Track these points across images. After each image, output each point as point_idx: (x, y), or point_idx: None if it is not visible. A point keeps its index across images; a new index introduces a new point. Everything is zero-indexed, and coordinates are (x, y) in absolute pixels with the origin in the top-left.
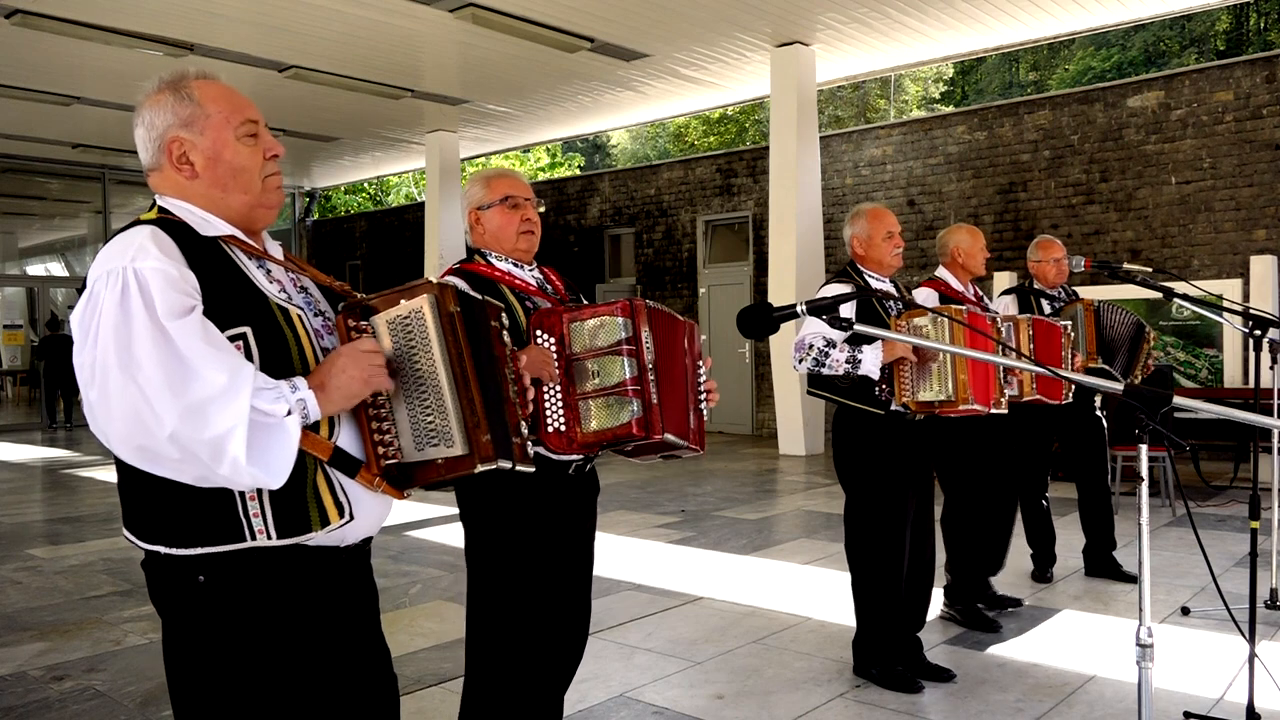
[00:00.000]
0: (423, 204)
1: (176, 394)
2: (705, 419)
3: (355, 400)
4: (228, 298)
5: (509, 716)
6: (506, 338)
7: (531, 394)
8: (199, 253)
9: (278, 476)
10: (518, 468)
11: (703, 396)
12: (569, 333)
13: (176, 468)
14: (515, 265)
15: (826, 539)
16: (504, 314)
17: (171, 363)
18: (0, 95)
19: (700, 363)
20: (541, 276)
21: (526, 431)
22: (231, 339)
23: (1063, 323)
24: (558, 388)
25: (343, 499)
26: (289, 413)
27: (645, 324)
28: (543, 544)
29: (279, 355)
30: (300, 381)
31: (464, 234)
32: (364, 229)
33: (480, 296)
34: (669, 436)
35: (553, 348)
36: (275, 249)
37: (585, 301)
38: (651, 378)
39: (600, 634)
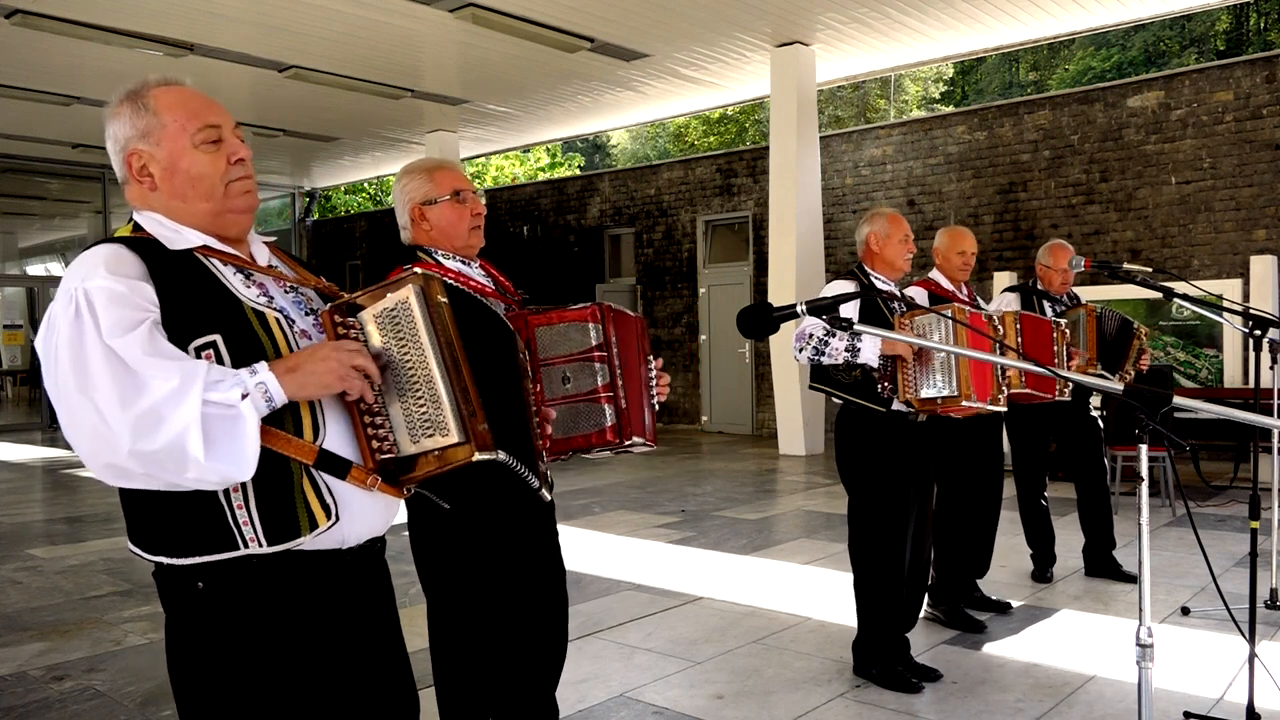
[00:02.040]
0: None
1: (128, 407)
2: (656, 412)
3: (324, 392)
4: (196, 307)
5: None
6: (530, 370)
7: (551, 417)
8: (165, 266)
9: (243, 467)
10: (543, 493)
11: (654, 392)
12: (535, 338)
13: (146, 480)
14: (463, 263)
15: (826, 539)
16: (525, 346)
17: (122, 377)
18: (0, 95)
19: (650, 358)
20: (485, 273)
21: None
22: (201, 348)
23: (1056, 320)
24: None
25: (329, 500)
26: (244, 396)
27: (614, 328)
28: (501, 550)
29: (254, 358)
30: (260, 365)
31: (402, 230)
32: (364, 229)
33: (511, 327)
34: (636, 438)
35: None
36: (262, 253)
37: (531, 302)
38: (621, 382)
39: (600, 634)
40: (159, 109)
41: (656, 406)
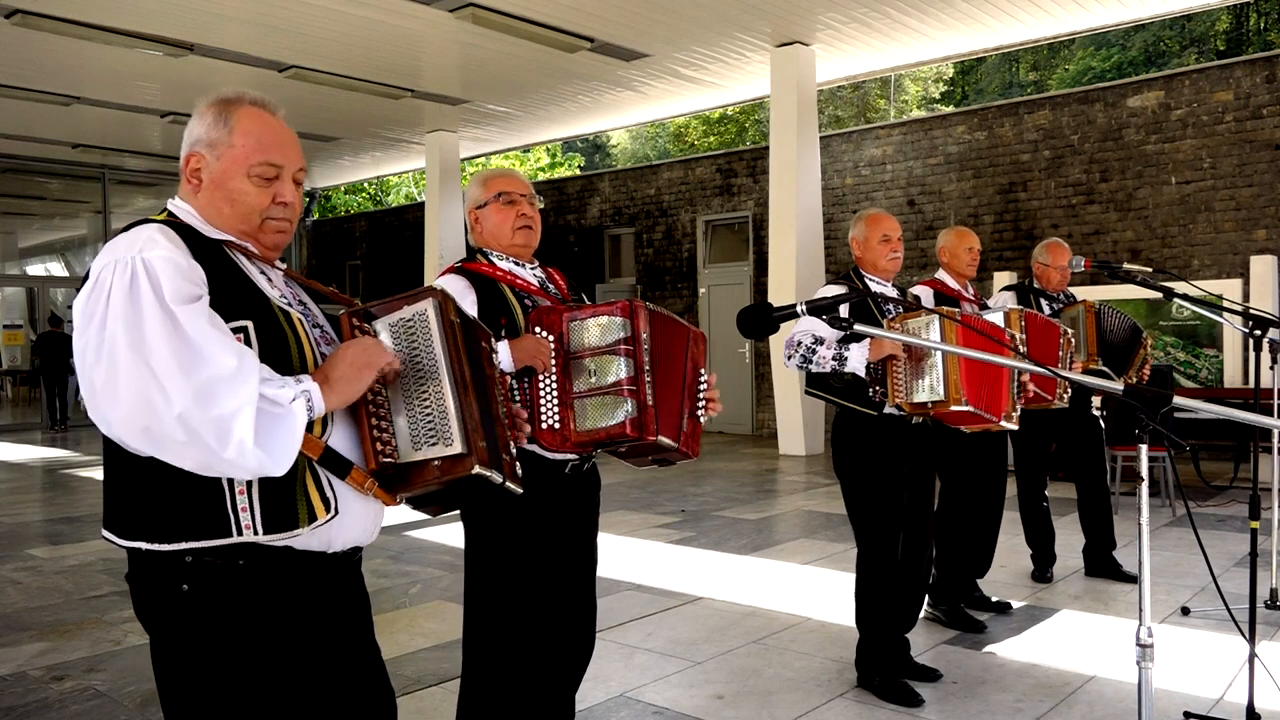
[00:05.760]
0: (423, 204)
1: (187, 374)
2: (701, 426)
3: (361, 388)
4: (230, 293)
5: (509, 715)
6: (497, 359)
7: (525, 421)
8: (204, 250)
9: (282, 462)
10: (507, 484)
11: (701, 404)
12: (568, 330)
13: (180, 451)
14: (516, 264)
15: (826, 539)
16: (492, 339)
17: (181, 346)
18: (0, 95)
19: (702, 371)
20: (544, 275)
21: (515, 452)
22: (233, 331)
23: (1064, 327)
24: (554, 386)
25: (329, 494)
26: (294, 399)
27: (645, 325)
28: (540, 543)
29: (279, 352)
30: (305, 376)
31: (465, 235)
32: (364, 229)
33: (474, 319)
34: (662, 439)
35: (552, 345)
36: (276, 274)
37: (588, 302)
38: (648, 379)
39: (600, 634)
40: (235, 129)
41: (702, 419)
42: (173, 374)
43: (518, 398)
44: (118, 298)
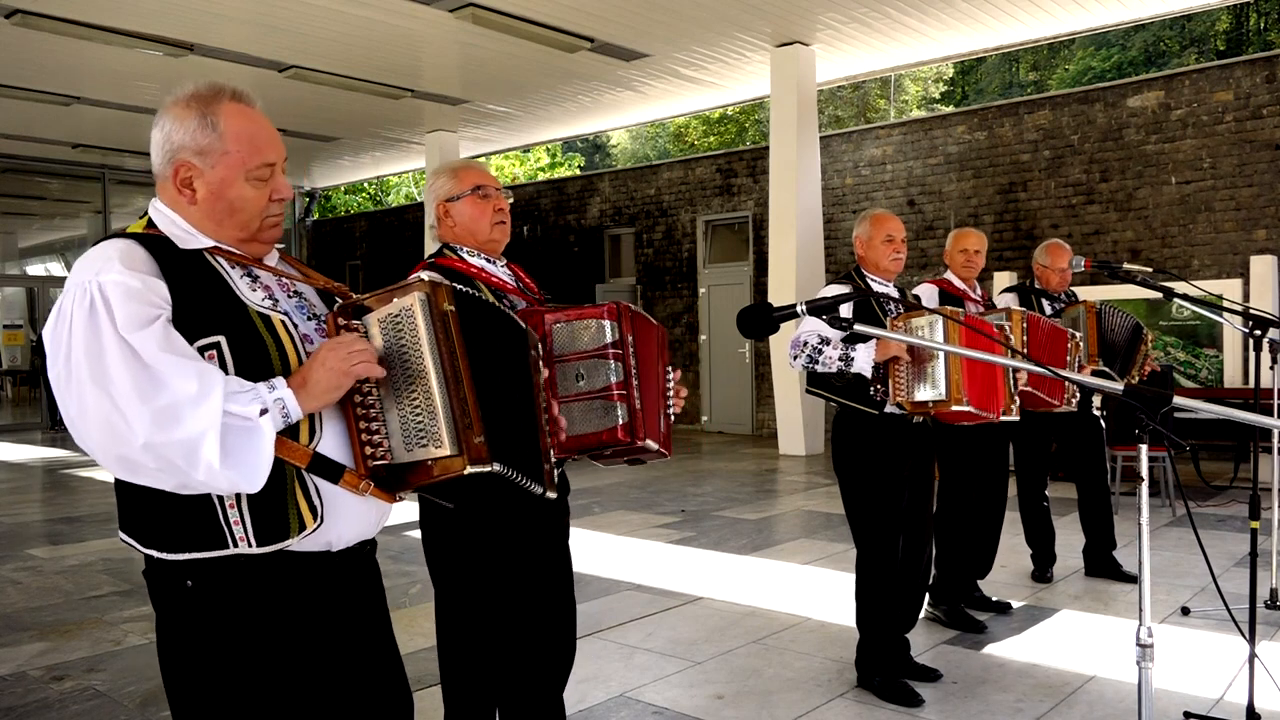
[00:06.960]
0: (422, 204)
1: (146, 401)
2: (671, 422)
3: (339, 393)
4: (203, 307)
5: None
6: (543, 367)
7: (563, 422)
8: (176, 264)
9: (254, 479)
10: (548, 494)
11: (670, 402)
12: (552, 334)
13: (155, 476)
14: (488, 261)
15: (826, 539)
16: (540, 343)
17: (140, 373)
18: (0, 95)
19: (669, 368)
20: (511, 273)
21: (555, 460)
22: (204, 348)
23: (1073, 331)
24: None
25: (316, 502)
26: (263, 412)
27: (631, 328)
28: (513, 549)
29: (257, 362)
30: (278, 381)
31: (431, 229)
32: (364, 229)
33: (524, 325)
34: (649, 442)
35: None
36: (271, 258)
37: (554, 302)
38: (635, 383)
39: (600, 634)
40: (226, 133)
41: (672, 417)
42: (133, 403)
43: None
44: (78, 328)
